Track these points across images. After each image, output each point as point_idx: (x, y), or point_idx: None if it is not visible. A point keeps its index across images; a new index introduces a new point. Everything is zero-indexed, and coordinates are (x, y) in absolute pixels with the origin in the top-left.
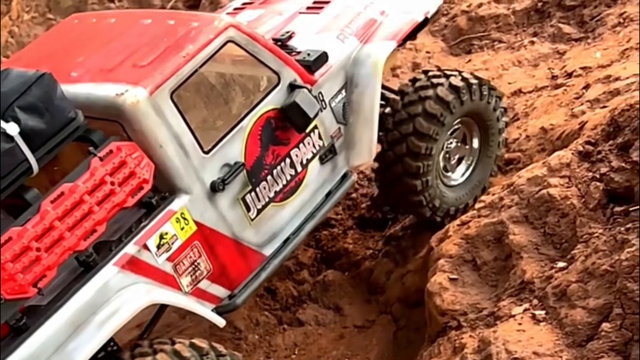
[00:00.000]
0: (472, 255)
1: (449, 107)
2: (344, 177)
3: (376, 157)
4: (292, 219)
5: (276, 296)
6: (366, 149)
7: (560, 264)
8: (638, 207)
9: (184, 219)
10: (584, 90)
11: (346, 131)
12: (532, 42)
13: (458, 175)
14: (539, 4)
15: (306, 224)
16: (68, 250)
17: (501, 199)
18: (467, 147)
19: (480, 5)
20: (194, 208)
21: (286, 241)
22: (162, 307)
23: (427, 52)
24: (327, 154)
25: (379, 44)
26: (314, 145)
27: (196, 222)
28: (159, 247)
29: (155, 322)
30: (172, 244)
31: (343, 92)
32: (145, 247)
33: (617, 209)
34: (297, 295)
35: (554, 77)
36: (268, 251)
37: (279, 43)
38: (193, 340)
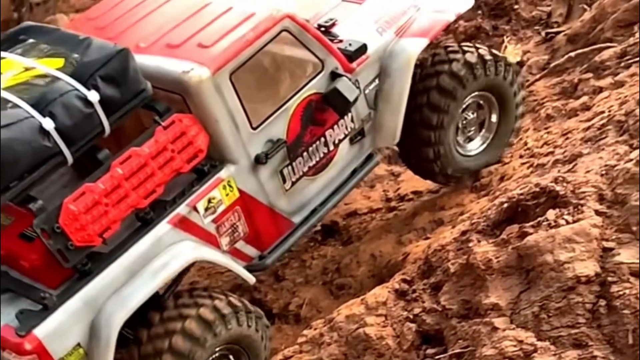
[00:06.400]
0: None
1: (461, 81)
2: (369, 157)
3: None
4: (320, 192)
5: None
6: (391, 134)
7: None
8: (447, 354)
9: (230, 186)
10: (412, 217)
11: (375, 116)
12: None
13: (475, 146)
14: None
15: (332, 197)
16: (131, 207)
17: (322, 335)
18: (485, 120)
19: None
20: (238, 177)
21: (313, 211)
22: None
23: None
24: (357, 136)
25: (413, 39)
26: (346, 127)
27: (239, 190)
28: (206, 209)
29: (185, 273)
30: (218, 207)
31: (376, 80)
32: (195, 209)
33: (430, 351)
34: None
35: (388, 200)
36: (297, 219)
37: (323, 29)
38: (230, 298)
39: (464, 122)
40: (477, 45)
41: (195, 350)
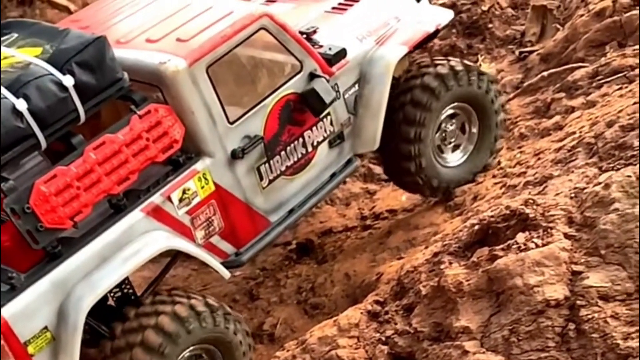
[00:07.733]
0: None
1: (434, 93)
2: (349, 162)
3: None
4: (298, 193)
5: None
6: (371, 139)
7: None
8: None
9: (205, 179)
10: (387, 236)
11: (355, 121)
12: (344, 182)
13: (456, 158)
14: None
15: (310, 199)
16: (103, 192)
17: (294, 356)
18: (464, 131)
19: None
20: (214, 170)
21: (291, 212)
22: (174, 259)
23: None
24: (336, 139)
25: (393, 47)
26: (325, 130)
27: (215, 183)
28: (180, 200)
29: (166, 271)
30: (192, 199)
31: (356, 86)
32: (169, 199)
33: None
34: None
35: (363, 218)
36: (273, 218)
37: (304, 36)
38: (207, 299)
39: (444, 134)
40: (450, 58)
41: (166, 345)
